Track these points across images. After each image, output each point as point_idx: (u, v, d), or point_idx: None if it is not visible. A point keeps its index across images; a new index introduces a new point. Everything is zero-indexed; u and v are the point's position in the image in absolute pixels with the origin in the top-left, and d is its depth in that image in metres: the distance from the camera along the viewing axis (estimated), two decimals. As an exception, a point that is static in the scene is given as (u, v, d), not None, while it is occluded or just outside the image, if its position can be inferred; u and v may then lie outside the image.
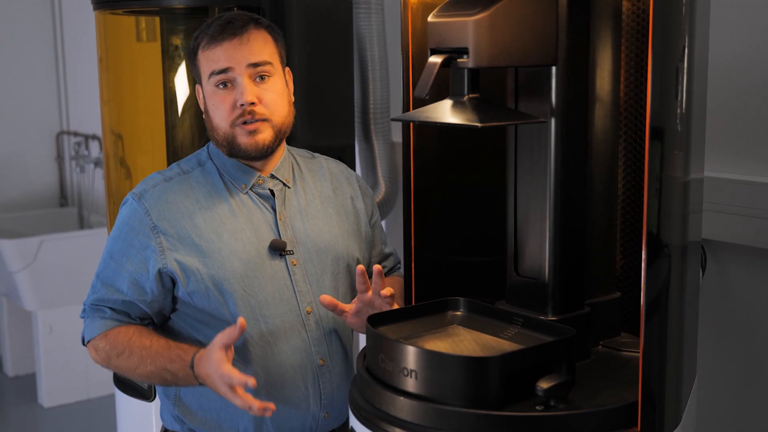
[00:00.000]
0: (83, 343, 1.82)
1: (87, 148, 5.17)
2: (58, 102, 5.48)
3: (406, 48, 1.77)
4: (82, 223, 5.36)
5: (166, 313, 1.80)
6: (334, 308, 1.73)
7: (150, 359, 1.70)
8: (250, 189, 1.80)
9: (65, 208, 5.48)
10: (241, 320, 1.60)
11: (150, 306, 1.76)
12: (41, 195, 5.48)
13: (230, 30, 1.71)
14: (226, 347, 1.61)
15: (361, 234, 1.91)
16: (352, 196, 1.93)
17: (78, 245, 4.76)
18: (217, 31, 1.71)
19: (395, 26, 2.62)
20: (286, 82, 1.80)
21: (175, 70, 2.67)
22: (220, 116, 1.74)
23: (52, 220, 5.30)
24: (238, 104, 1.71)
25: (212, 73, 1.72)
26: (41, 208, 5.45)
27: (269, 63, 1.74)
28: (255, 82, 1.72)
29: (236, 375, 1.58)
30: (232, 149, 1.75)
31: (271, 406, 1.59)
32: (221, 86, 1.72)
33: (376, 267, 1.68)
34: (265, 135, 1.74)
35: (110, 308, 1.77)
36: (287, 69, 1.82)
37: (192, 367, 1.66)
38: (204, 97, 1.78)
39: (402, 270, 1.95)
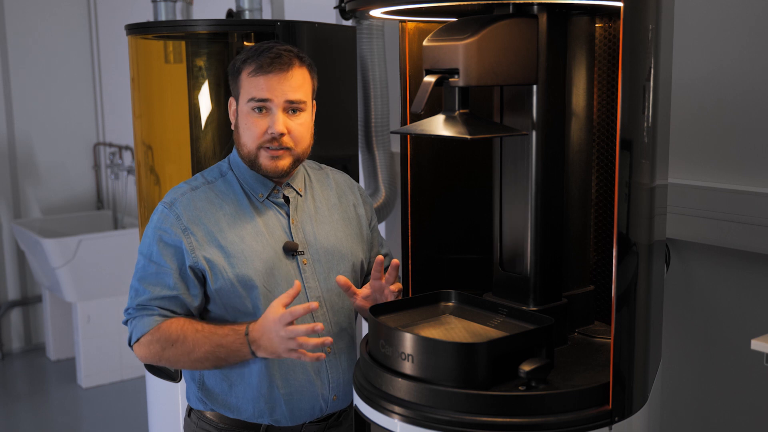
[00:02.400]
0: (129, 345, 1.78)
1: (121, 157, 5.17)
2: (95, 117, 5.48)
3: (404, 69, 1.77)
4: (116, 224, 5.36)
5: (202, 307, 1.79)
6: (347, 289, 1.72)
7: (204, 339, 1.68)
8: (267, 198, 1.80)
9: (101, 210, 5.48)
10: (297, 283, 1.60)
11: (193, 300, 1.74)
12: (80, 199, 5.48)
13: (278, 65, 1.69)
14: (285, 306, 1.60)
15: (362, 237, 1.91)
16: (354, 204, 1.92)
17: (112, 244, 4.75)
18: (267, 63, 1.69)
19: (394, 49, 2.62)
20: (312, 112, 1.79)
21: (199, 89, 2.67)
22: (249, 136, 1.73)
23: (90, 221, 5.30)
24: (269, 131, 1.70)
25: (252, 99, 1.70)
26: (80, 210, 5.45)
27: (303, 102, 1.73)
28: (288, 114, 1.72)
29: (302, 326, 1.57)
30: (254, 167, 1.75)
31: (329, 340, 1.59)
32: (257, 111, 1.71)
33: (394, 261, 1.68)
34: (285, 162, 1.74)
35: (157, 306, 1.75)
36: (314, 101, 1.81)
37: (247, 333, 1.64)
38: (237, 113, 1.76)
39: (393, 253, 1.95)
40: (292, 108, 1.71)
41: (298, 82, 1.71)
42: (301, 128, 1.73)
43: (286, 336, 1.58)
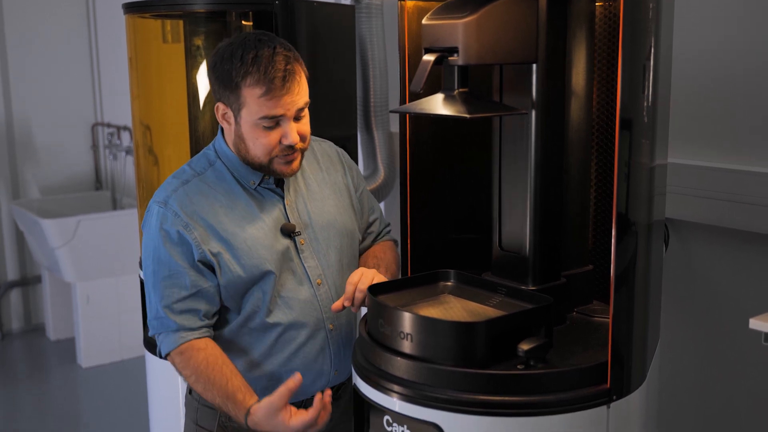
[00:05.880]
0: (161, 356, 1.77)
1: (119, 138, 5.15)
2: (93, 97, 5.46)
3: (403, 47, 1.76)
4: (115, 205, 5.35)
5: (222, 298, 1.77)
6: (343, 308, 1.73)
7: (215, 392, 1.68)
8: (259, 184, 1.78)
9: (100, 191, 5.47)
10: (298, 375, 1.61)
11: (216, 291, 1.73)
12: (79, 180, 5.47)
13: (289, 83, 1.64)
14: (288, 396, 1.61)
15: (353, 207, 1.91)
16: (342, 174, 1.92)
17: (111, 224, 4.75)
18: (278, 86, 1.63)
19: (393, 28, 2.60)
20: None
21: (197, 68, 2.66)
22: (260, 149, 1.69)
23: (89, 202, 5.29)
24: (284, 143, 1.68)
25: (264, 117, 1.66)
26: (79, 191, 5.44)
27: (308, 103, 1.72)
28: (296, 120, 1.70)
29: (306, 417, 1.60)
30: (265, 172, 1.74)
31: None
32: (266, 126, 1.68)
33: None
34: (298, 161, 1.74)
35: (179, 311, 1.71)
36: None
37: (246, 416, 1.63)
38: (235, 122, 1.70)
39: (392, 233, 1.95)
40: (300, 112, 1.70)
41: (303, 88, 1.69)
42: (306, 126, 1.73)
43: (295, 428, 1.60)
